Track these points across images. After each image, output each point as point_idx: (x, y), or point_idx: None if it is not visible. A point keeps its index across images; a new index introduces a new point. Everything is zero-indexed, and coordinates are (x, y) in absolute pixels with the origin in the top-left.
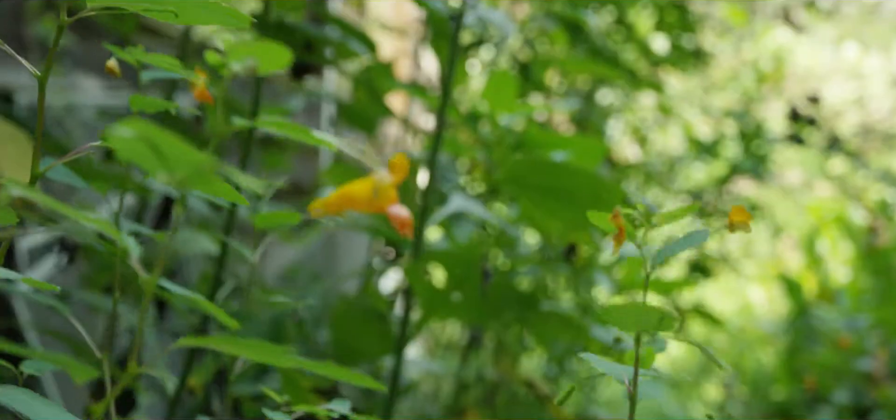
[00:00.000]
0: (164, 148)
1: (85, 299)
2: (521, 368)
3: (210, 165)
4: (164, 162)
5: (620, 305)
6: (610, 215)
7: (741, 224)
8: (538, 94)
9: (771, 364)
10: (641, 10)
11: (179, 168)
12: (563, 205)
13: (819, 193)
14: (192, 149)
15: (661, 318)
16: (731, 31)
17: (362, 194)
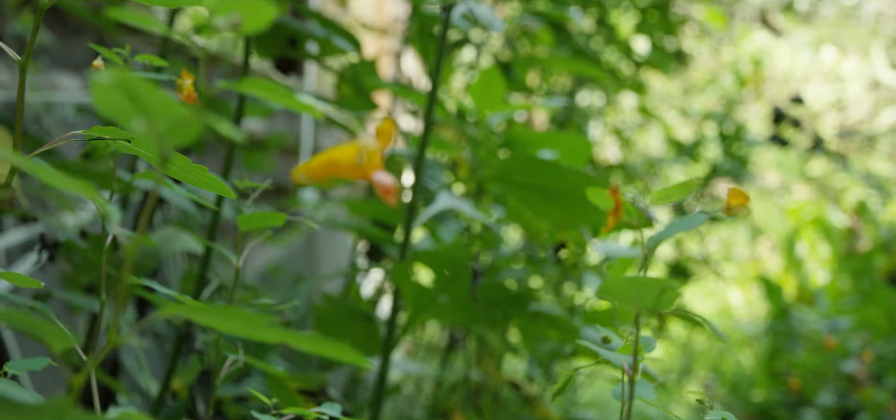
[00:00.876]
0: (144, 97)
1: (65, 298)
2: (504, 370)
3: (191, 117)
4: (143, 111)
5: (620, 279)
6: (607, 190)
7: (738, 207)
8: (520, 94)
9: (750, 366)
10: (623, 12)
11: (159, 117)
12: (551, 203)
13: (797, 196)
14: (173, 100)
15: (661, 290)
16: (711, 33)
17: (347, 160)
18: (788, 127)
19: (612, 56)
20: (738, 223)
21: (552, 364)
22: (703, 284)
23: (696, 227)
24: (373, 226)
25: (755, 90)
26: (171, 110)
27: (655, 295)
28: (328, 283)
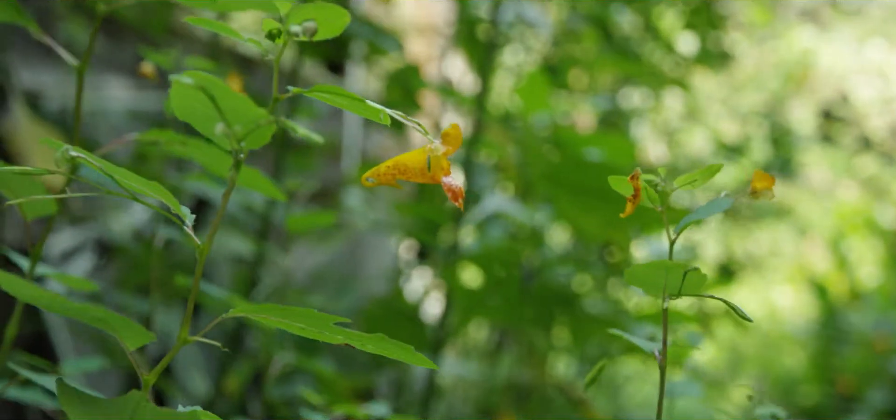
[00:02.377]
0: (224, 99)
1: (117, 301)
2: (552, 371)
3: (268, 120)
4: (222, 114)
5: (644, 265)
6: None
7: (764, 190)
8: (564, 94)
9: (799, 367)
10: (667, 9)
11: (238, 120)
12: (599, 203)
13: (846, 194)
14: (252, 102)
15: (685, 273)
16: (755, 30)
17: (415, 164)
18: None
19: (655, 55)
20: (784, 222)
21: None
22: (751, 285)
23: (724, 210)
24: (420, 227)
25: (801, 87)
26: (249, 113)
27: (679, 279)
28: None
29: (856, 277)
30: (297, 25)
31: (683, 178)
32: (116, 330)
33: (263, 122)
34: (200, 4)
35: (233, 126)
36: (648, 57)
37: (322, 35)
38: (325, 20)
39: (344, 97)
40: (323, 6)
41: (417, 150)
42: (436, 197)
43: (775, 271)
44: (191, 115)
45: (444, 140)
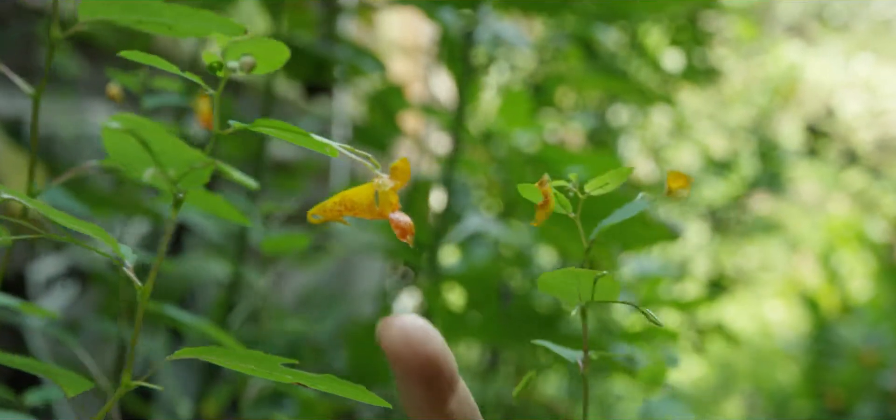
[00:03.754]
0: (155, 143)
1: (95, 328)
2: (541, 390)
3: (204, 162)
4: (154, 158)
5: (555, 272)
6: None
7: (679, 190)
8: (551, 112)
9: (791, 381)
10: (653, 25)
11: (171, 164)
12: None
13: (836, 208)
14: (185, 145)
15: (595, 281)
16: (742, 46)
17: (363, 200)
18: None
19: (641, 72)
20: (774, 237)
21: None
22: (742, 301)
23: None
24: (405, 248)
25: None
26: (183, 156)
27: (590, 286)
28: (361, 306)
29: (847, 291)
30: (234, 61)
31: (595, 182)
32: (56, 379)
33: (198, 165)
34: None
35: (166, 169)
36: (635, 74)
37: (260, 70)
38: (264, 55)
39: (287, 131)
40: (261, 41)
41: (365, 185)
42: (421, 217)
43: (766, 286)
44: (124, 158)
45: (392, 174)
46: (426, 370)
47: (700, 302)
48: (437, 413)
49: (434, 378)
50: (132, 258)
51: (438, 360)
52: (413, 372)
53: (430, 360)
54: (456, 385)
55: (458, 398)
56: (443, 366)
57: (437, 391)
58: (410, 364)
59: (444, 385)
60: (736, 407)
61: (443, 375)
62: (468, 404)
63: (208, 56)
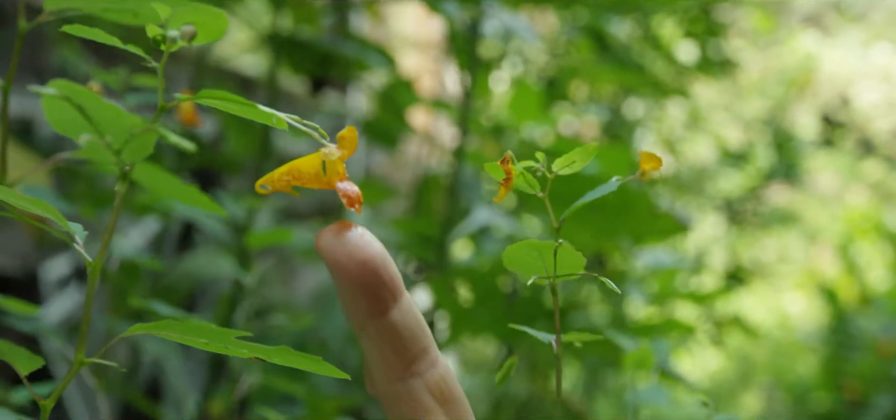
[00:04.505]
0: (92, 109)
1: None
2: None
3: (144, 128)
4: (92, 125)
5: (517, 246)
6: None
7: (651, 171)
8: (565, 105)
9: (810, 373)
10: (667, 17)
11: (110, 131)
12: (590, 214)
13: (853, 198)
14: (124, 112)
15: (555, 251)
16: (759, 37)
17: (310, 169)
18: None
19: (655, 64)
20: (792, 228)
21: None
22: (761, 293)
23: (609, 193)
24: (416, 243)
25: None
26: (122, 123)
27: (549, 260)
28: None
29: (865, 282)
30: (175, 30)
31: (562, 161)
32: (7, 356)
33: (138, 131)
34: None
35: (104, 136)
36: (649, 67)
37: (202, 39)
38: (204, 24)
39: (233, 102)
40: (200, 8)
41: (312, 154)
42: (430, 212)
43: (785, 278)
44: (66, 127)
45: (339, 144)
46: (365, 276)
47: (717, 294)
48: (378, 322)
49: (373, 284)
50: (83, 235)
51: (377, 265)
52: (351, 277)
53: (368, 266)
54: (399, 295)
55: (401, 309)
56: (382, 272)
57: (377, 299)
58: (348, 269)
59: (386, 293)
60: (755, 399)
61: (383, 283)
62: (413, 316)
63: (151, 29)
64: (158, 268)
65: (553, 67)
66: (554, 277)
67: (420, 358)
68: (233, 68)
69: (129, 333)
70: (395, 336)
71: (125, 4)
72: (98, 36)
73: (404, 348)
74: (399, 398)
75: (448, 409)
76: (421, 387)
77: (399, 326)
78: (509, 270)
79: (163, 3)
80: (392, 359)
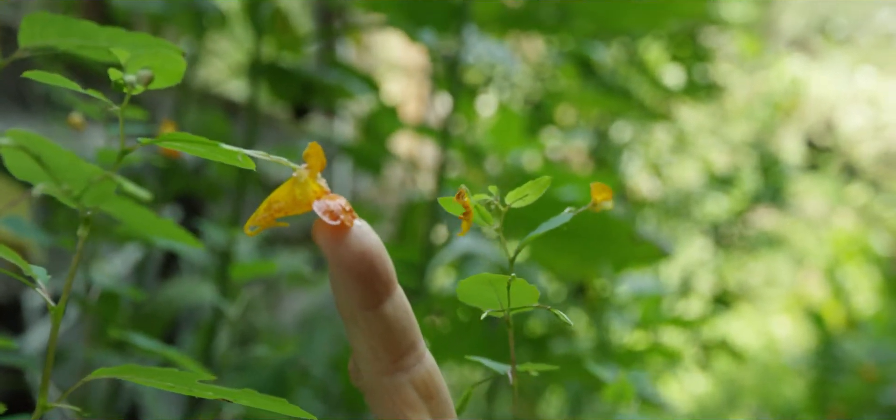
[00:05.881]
0: (49, 158)
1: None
2: (541, 411)
3: (102, 176)
4: (50, 173)
5: (470, 279)
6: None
7: (603, 202)
8: (552, 130)
9: (798, 397)
10: (653, 41)
11: (69, 179)
12: (570, 242)
13: (840, 222)
14: (81, 160)
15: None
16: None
17: (286, 198)
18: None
19: (642, 88)
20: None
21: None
22: (748, 316)
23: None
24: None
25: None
26: (81, 170)
27: (505, 293)
28: None
29: (852, 306)
30: (133, 75)
31: (514, 194)
32: None
33: (97, 180)
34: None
35: (61, 183)
36: (635, 91)
37: (159, 83)
38: (162, 67)
39: (197, 144)
40: (159, 53)
41: (285, 182)
42: (415, 238)
43: (772, 301)
44: (25, 173)
45: (307, 162)
46: (360, 266)
47: (704, 319)
48: (369, 314)
49: (368, 275)
50: (46, 278)
51: (373, 257)
52: (346, 267)
53: (365, 257)
54: (392, 288)
55: (393, 303)
56: (378, 264)
57: (372, 290)
58: (344, 258)
59: (379, 286)
60: None
61: (377, 274)
62: (403, 311)
63: (114, 73)
64: (138, 297)
65: (540, 92)
66: (509, 310)
67: (408, 353)
68: (218, 93)
69: (94, 376)
70: (386, 329)
71: (98, 42)
72: (58, 81)
73: (393, 342)
74: (385, 391)
75: (432, 406)
76: (407, 382)
77: (390, 320)
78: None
79: (124, 47)
80: (380, 352)
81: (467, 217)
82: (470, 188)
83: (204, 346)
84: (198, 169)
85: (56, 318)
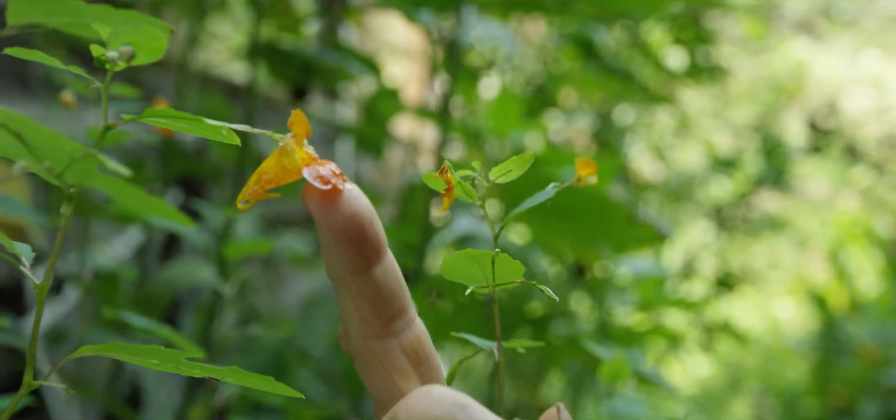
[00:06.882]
0: (30, 136)
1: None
2: (542, 393)
3: (84, 153)
4: (32, 151)
5: (455, 256)
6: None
7: (587, 177)
8: (554, 112)
9: (800, 379)
10: (656, 24)
11: (51, 157)
12: (569, 223)
13: (843, 205)
14: (63, 137)
15: (492, 260)
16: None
17: (274, 168)
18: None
19: (644, 71)
20: (782, 234)
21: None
22: (751, 299)
23: (546, 199)
24: (400, 251)
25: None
26: (63, 148)
27: (490, 269)
28: None
29: (855, 288)
30: (114, 51)
31: (498, 170)
32: None
33: (79, 156)
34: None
35: (42, 161)
36: (638, 74)
37: (141, 59)
38: (143, 44)
39: (180, 120)
40: (140, 28)
41: (272, 153)
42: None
43: (775, 284)
44: (7, 151)
45: (291, 130)
46: (350, 230)
47: (706, 302)
48: (359, 277)
49: (358, 238)
50: (30, 256)
51: (363, 220)
52: (337, 230)
53: (355, 220)
54: (383, 252)
55: (383, 267)
56: (367, 227)
57: (362, 253)
58: (335, 221)
59: (370, 249)
60: (744, 406)
61: (367, 237)
62: (393, 276)
63: (95, 49)
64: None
65: (542, 75)
66: (493, 286)
67: (397, 317)
68: (218, 75)
69: (79, 354)
70: (375, 293)
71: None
72: (39, 57)
73: (383, 307)
74: (374, 356)
75: (422, 371)
76: (396, 346)
77: (379, 284)
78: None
79: (110, 24)
80: (370, 316)
81: (449, 193)
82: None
83: (204, 327)
84: (199, 151)
85: (40, 295)
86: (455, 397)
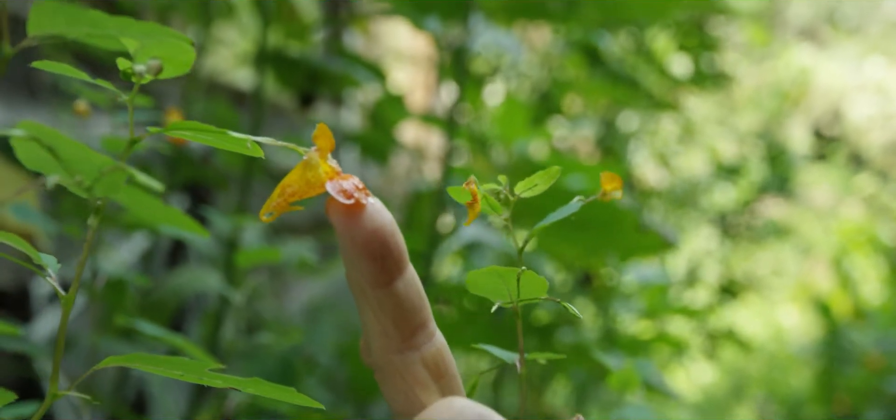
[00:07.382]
0: (61, 149)
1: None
2: (547, 400)
3: (113, 168)
4: (63, 164)
5: (480, 271)
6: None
7: (613, 191)
8: (559, 119)
9: (804, 387)
10: (661, 31)
11: (81, 170)
12: (576, 232)
13: (847, 212)
14: (93, 151)
15: (518, 277)
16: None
17: (298, 181)
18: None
19: (649, 78)
20: (786, 242)
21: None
22: (755, 306)
23: (570, 213)
24: None
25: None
26: (93, 161)
27: (516, 285)
28: None
29: (859, 295)
30: (142, 65)
31: (524, 184)
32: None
33: (108, 170)
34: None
35: (73, 175)
36: (642, 81)
37: (169, 73)
38: (171, 57)
39: (206, 133)
40: (167, 42)
41: (296, 166)
42: (421, 227)
43: (779, 291)
44: (37, 164)
45: (316, 144)
46: (373, 244)
47: (711, 309)
48: (381, 291)
49: (380, 253)
50: (56, 267)
51: (386, 234)
52: (359, 243)
53: (378, 234)
54: (404, 266)
55: (405, 281)
56: (390, 242)
57: (384, 267)
58: (356, 235)
59: (392, 263)
60: (748, 413)
61: (390, 252)
62: (415, 289)
63: (122, 63)
64: (145, 283)
65: (547, 81)
66: (518, 301)
67: (418, 331)
68: (225, 82)
69: (104, 365)
70: (397, 307)
71: (106, 31)
72: (66, 70)
73: (404, 320)
74: (395, 370)
75: (442, 384)
76: (417, 360)
77: (401, 297)
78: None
79: (132, 36)
80: (391, 330)
81: (474, 206)
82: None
83: (210, 334)
84: (205, 157)
85: (66, 307)
86: (477, 409)
